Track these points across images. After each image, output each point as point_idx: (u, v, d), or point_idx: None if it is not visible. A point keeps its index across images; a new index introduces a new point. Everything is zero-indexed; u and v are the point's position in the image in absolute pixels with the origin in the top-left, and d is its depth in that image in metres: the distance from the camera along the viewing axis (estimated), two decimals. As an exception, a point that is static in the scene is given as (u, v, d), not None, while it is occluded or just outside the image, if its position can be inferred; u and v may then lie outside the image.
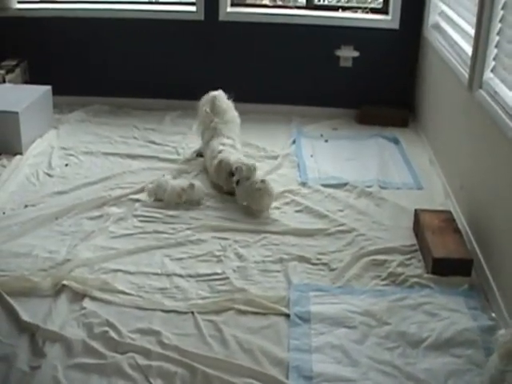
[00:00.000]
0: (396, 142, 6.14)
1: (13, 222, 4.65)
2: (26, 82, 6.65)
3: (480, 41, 4.45)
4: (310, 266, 4.22)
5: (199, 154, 5.60)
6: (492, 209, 4.12)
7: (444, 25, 5.74)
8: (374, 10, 6.64)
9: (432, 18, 6.09)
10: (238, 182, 4.85)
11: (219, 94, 5.65)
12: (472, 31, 4.70)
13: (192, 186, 4.90)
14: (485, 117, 4.26)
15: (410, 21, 6.37)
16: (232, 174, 4.95)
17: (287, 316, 3.74)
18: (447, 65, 5.30)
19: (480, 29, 4.46)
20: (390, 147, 6.05)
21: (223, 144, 5.31)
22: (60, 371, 3.29)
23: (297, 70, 6.64)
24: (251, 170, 4.83)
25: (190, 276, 4.09)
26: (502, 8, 4.22)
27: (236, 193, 4.90)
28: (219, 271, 4.13)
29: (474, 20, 4.65)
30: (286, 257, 4.30)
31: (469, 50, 4.76)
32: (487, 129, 4.25)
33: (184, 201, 4.88)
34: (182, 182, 5.01)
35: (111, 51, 6.72)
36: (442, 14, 5.90)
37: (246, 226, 4.66)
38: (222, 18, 6.53)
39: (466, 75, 4.68)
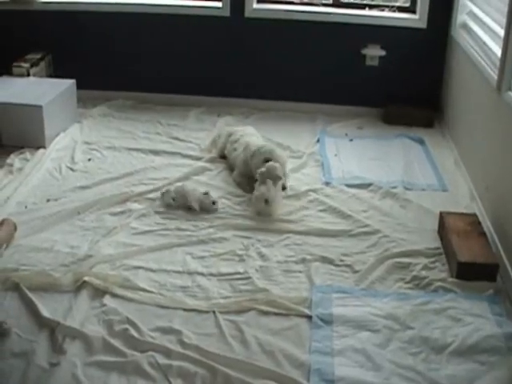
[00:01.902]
0: (421, 142, 6.08)
1: (34, 216, 4.64)
2: (51, 76, 6.65)
3: (509, 41, 4.39)
4: (333, 267, 4.18)
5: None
6: (519, 213, 4.07)
7: (472, 25, 5.67)
8: (401, 9, 6.57)
9: (460, 17, 6.02)
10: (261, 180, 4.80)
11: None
12: (501, 31, 4.64)
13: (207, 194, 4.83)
14: (513, 119, 4.22)
15: (437, 20, 6.30)
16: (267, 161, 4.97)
17: (309, 318, 3.69)
18: (475, 65, 5.24)
19: (510, 29, 4.39)
20: (415, 148, 5.99)
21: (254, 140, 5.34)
22: (79, 368, 3.28)
23: (322, 67, 6.59)
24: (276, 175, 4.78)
25: (212, 275, 4.06)
26: (534, 9, 4.17)
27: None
28: (241, 270, 4.10)
29: (503, 20, 4.59)
30: (308, 257, 4.25)
31: (498, 50, 4.70)
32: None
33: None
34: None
35: (136, 46, 6.70)
36: (471, 13, 5.83)
37: (269, 225, 4.62)
38: (247, 14, 6.49)
39: (495, 76, 4.62)
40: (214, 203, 4.77)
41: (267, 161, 4.92)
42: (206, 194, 4.82)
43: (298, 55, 6.57)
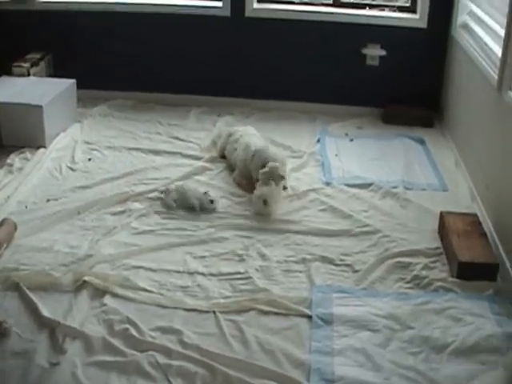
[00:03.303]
0: (421, 142, 6.07)
1: (34, 216, 4.64)
2: (50, 76, 6.64)
3: (510, 40, 4.39)
4: (333, 267, 4.18)
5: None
6: (519, 213, 4.06)
7: (473, 25, 5.67)
8: (401, 9, 6.57)
9: (460, 17, 6.02)
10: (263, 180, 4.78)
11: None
12: (502, 31, 4.64)
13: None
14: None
15: (438, 20, 6.30)
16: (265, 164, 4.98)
17: (309, 317, 3.69)
18: (475, 65, 5.23)
19: (510, 28, 4.39)
20: (415, 147, 5.98)
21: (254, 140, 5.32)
22: (79, 368, 3.28)
23: (323, 67, 6.59)
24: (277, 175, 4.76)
25: (212, 274, 4.06)
26: (534, 8, 4.16)
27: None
28: (242, 270, 4.10)
29: (503, 20, 4.59)
30: (308, 257, 4.25)
31: (498, 50, 4.69)
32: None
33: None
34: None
35: (136, 46, 6.69)
36: (471, 13, 5.83)
37: (269, 225, 4.61)
38: (248, 14, 6.49)
39: (495, 76, 4.62)
40: (211, 202, 4.76)
41: (266, 163, 4.92)
42: (205, 193, 4.81)
43: (298, 55, 6.57)
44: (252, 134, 5.51)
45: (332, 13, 6.50)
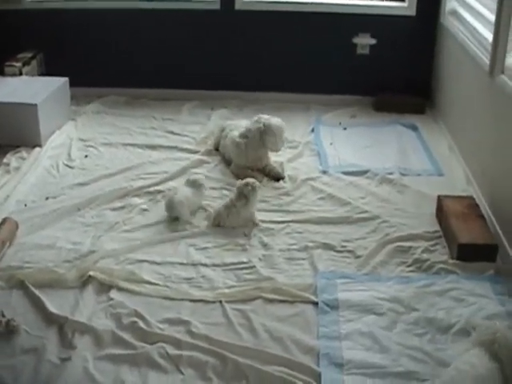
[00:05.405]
0: (414, 128, 6.12)
1: (34, 214, 4.65)
2: (42, 74, 6.64)
3: (501, 26, 4.46)
4: (335, 254, 4.22)
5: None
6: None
7: (462, 11, 5.71)
8: (390, -3, 6.62)
9: (449, 4, 6.05)
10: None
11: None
12: (491, 16, 4.70)
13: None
14: (507, 101, 4.25)
15: (426, 7, 6.34)
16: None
17: (315, 304, 3.74)
18: (466, 51, 5.28)
19: (501, 13, 4.45)
20: (408, 134, 6.03)
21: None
22: (90, 362, 3.30)
23: (314, 58, 6.62)
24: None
25: (216, 265, 4.09)
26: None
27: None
28: (245, 260, 4.13)
29: (493, 5, 4.64)
30: (310, 244, 4.29)
31: (488, 35, 4.75)
32: (509, 113, 4.24)
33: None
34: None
35: (127, 42, 6.70)
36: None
37: (270, 214, 4.65)
38: (238, 6, 6.51)
39: (487, 61, 4.66)
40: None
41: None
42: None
43: (289, 46, 6.60)
44: (242, 126, 5.47)
45: (322, 3, 6.53)
